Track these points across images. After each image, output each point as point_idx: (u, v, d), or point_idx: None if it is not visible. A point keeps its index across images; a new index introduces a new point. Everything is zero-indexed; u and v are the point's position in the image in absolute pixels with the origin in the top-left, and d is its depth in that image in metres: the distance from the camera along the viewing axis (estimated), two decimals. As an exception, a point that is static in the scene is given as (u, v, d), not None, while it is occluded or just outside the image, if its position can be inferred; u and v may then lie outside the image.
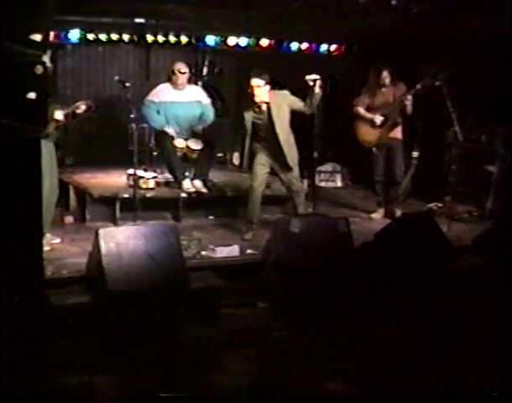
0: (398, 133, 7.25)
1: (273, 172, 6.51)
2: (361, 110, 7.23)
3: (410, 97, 6.89)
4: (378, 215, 7.32)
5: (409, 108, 6.97)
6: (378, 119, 7.12)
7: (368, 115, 7.18)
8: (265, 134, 6.29)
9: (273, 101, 6.24)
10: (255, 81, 6.15)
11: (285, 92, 6.33)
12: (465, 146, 6.99)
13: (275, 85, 6.30)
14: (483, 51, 7.27)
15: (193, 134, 7.14)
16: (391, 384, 3.87)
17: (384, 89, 7.18)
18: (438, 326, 4.64)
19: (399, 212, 7.14)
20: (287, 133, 6.32)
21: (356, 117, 7.27)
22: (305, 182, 7.08)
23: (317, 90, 6.09)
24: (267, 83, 6.20)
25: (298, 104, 6.24)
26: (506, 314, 4.49)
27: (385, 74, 7.13)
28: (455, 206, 7.00)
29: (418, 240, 5.51)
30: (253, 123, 6.31)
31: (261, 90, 6.17)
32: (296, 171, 6.44)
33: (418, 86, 6.83)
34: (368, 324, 4.59)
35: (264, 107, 6.24)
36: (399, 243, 5.43)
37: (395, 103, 7.05)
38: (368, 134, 7.21)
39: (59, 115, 5.55)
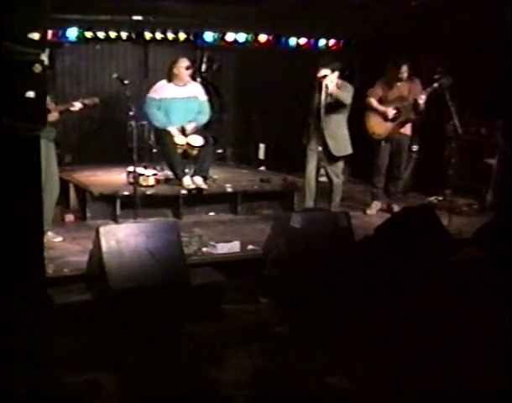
0: (408, 129, 7.25)
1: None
2: (374, 102, 7.15)
3: (423, 97, 6.82)
4: (373, 211, 7.31)
5: (421, 105, 6.92)
6: (391, 112, 7.07)
7: (381, 107, 7.12)
8: (316, 116, 6.39)
9: (334, 87, 6.39)
10: (322, 71, 6.29)
11: (347, 85, 6.54)
12: (465, 139, 6.99)
13: (343, 74, 6.46)
14: (482, 44, 7.26)
15: (183, 131, 7.14)
16: (391, 382, 3.88)
17: (399, 83, 7.12)
18: (439, 321, 4.65)
19: (396, 207, 7.10)
20: (334, 124, 6.48)
21: (368, 108, 7.19)
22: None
23: (330, 86, 6.18)
24: (334, 71, 6.36)
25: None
26: (507, 309, 4.50)
27: (405, 68, 7.06)
28: (455, 199, 7.00)
29: (419, 233, 5.52)
30: (315, 103, 6.43)
31: (328, 79, 6.30)
32: (340, 165, 6.69)
33: (435, 85, 6.68)
34: (368, 319, 4.60)
35: (325, 89, 6.32)
36: (400, 237, 5.44)
37: (410, 99, 6.99)
38: (378, 127, 7.15)
39: (50, 105, 5.50)
